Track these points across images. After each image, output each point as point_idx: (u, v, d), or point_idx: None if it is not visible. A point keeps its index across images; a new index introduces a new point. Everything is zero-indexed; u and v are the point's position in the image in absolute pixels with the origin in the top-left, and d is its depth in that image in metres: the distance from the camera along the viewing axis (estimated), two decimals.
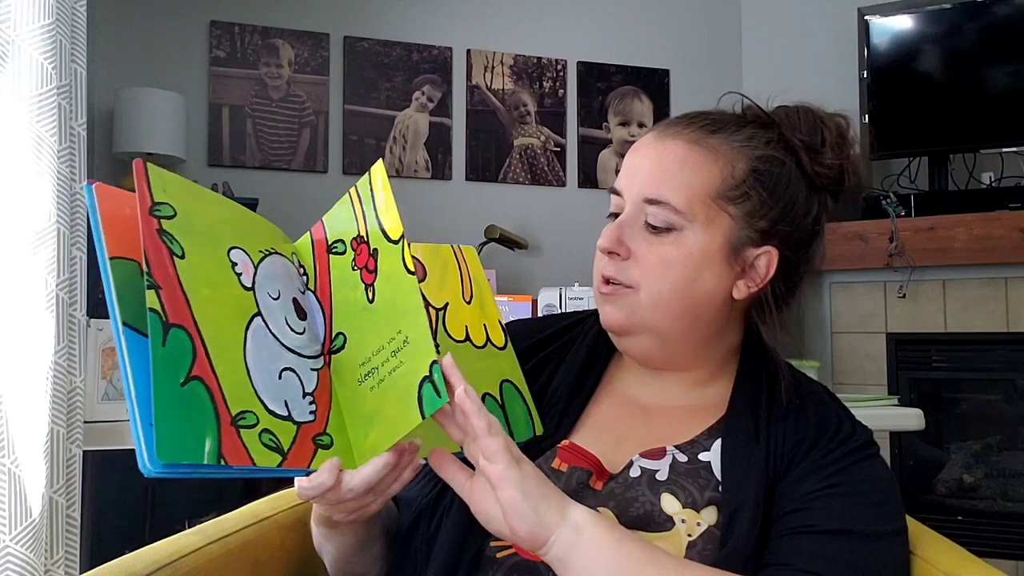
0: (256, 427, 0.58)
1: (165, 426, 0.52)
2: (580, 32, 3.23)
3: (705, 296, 0.75)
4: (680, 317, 0.75)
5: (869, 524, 0.67)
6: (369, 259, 0.66)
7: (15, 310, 1.17)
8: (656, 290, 0.74)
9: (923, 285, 2.62)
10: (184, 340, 0.56)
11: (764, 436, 0.73)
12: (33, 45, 1.17)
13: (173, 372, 0.54)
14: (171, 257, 0.58)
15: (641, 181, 0.76)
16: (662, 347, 0.77)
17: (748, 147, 0.76)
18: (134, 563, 0.73)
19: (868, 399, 1.86)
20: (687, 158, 0.74)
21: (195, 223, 0.62)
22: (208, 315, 0.58)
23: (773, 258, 0.75)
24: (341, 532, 0.73)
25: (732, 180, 0.74)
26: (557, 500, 0.61)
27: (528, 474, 0.60)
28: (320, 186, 2.89)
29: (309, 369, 0.64)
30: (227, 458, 0.55)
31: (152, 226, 0.58)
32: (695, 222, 0.73)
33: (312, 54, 2.91)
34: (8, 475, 1.15)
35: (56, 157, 1.20)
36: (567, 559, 0.60)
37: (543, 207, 3.14)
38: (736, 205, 0.74)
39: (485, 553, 0.71)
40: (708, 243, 0.74)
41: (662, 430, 0.77)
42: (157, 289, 0.55)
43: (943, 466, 2.70)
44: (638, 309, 0.75)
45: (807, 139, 0.77)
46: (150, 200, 0.59)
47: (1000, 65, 2.68)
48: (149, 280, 0.55)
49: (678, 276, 0.73)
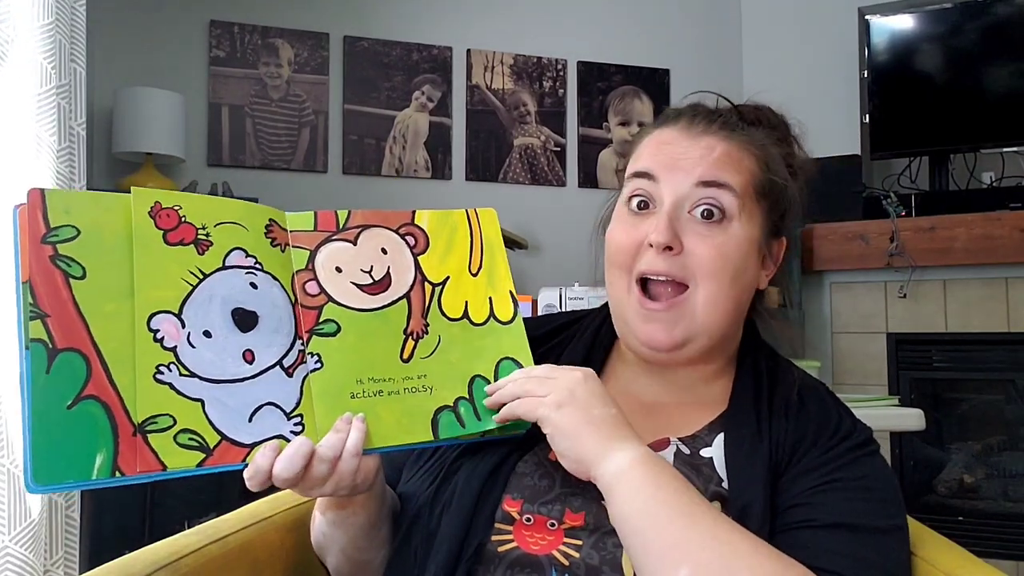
0: (171, 429, 0.59)
1: (42, 450, 0.56)
2: (580, 32, 3.23)
3: (748, 289, 0.77)
4: (731, 312, 0.75)
5: (870, 519, 0.67)
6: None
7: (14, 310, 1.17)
8: (715, 285, 0.73)
9: (923, 285, 2.62)
10: (75, 362, 0.59)
11: (766, 431, 0.73)
12: (33, 45, 1.17)
13: (59, 396, 0.57)
14: (66, 280, 0.60)
15: (693, 166, 0.74)
16: (708, 349, 0.77)
17: (765, 145, 0.79)
18: (134, 563, 0.73)
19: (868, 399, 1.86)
20: (730, 151, 0.76)
21: (104, 238, 0.63)
22: (111, 330, 0.60)
23: (783, 246, 0.80)
24: (353, 512, 0.72)
25: (763, 176, 0.77)
26: (600, 439, 0.64)
27: (567, 415, 0.64)
28: (320, 186, 2.89)
29: (282, 380, 0.65)
30: (123, 469, 0.57)
31: (45, 253, 0.60)
32: (743, 213, 0.74)
33: (312, 54, 2.91)
34: (7, 475, 1.15)
35: (55, 157, 1.20)
36: (609, 493, 0.63)
37: (543, 207, 3.14)
38: (766, 199, 0.77)
39: (487, 547, 0.71)
40: (751, 235, 0.75)
41: (663, 424, 0.77)
42: (44, 318, 0.58)
43: (943, 466, 2.70)
44: (696, 314, 0.73)
45: (782, 134, 0.82)
46: (44, 228, 0.61)
47: (1001, 65, 2.68)
48: (34, 310, 0.58)
49: (734, 268, 0.73)
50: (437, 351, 0.71)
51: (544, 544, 0.70)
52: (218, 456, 0.60)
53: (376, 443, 0.66)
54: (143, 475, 0.58)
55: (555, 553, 0.69)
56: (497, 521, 0.72)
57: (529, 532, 0.71)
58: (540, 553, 0.69)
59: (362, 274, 0.71)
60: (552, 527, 0.70)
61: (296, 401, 0.64)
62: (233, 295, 0.65)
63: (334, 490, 0.66)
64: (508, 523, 0.72)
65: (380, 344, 0.70)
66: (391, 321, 0.71)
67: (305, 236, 0.71)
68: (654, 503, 0.61)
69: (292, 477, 0.61)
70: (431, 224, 0.76)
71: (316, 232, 0.71)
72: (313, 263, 0.70)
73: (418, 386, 0.69)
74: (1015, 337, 2.52)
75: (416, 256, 0.74)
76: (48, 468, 0.55)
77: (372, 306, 0.71)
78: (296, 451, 0.62)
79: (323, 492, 0.66)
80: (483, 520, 0.71)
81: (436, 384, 0.70)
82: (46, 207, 0.62)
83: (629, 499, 0.62)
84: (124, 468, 0.57)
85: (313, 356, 0.67)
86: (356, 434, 0.64)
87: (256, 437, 0.62)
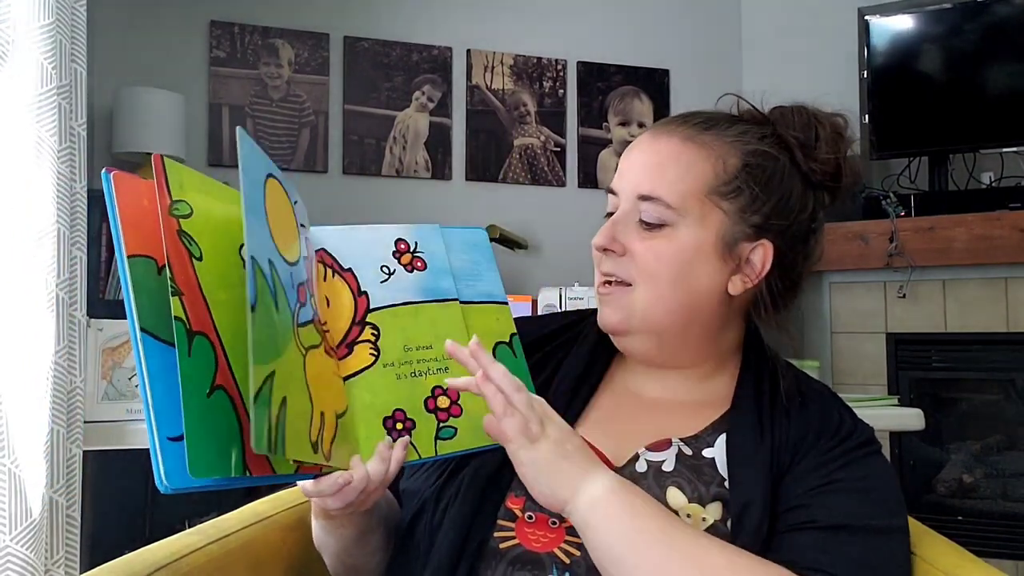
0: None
1: (196, 442, 0.50)
2: (580, 32, 3.23)
3: (700, 291, 0.76)
4: (675, 313, 0.75)
5: (870, 519, 0.67)
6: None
7: (15, 310, 1.17)
8: (652, 286, 0.75)
9: (923, 285, 2.62)
10: (207, 348, 0.54)
11: (768, 432, 0.73)
12: (33, 45, 1.17)
13: (200, 383, 0.53)
14: (191, 260, 0.56)
15: (634, 178, 0.77)
16: (660, 345, 0.78)
17: (740, 142, 0.76)
18: (134, 563, 0.73)
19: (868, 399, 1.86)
20: (680, 155, 0.75)
21: (209, 221, 0.59)
22: (226, 320, 0.56)
23: (768, 252, 0.76)
24: (342, 524, 0.73)
25: (724, 175, 0.75)
26: (573, 473, 0.63)
27: (542, 451, 0.63)
28: (320, 186, 2.88)
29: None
30: (251, 468, 0.54)
31: (172, 227, 0.56)
32: (688, 217, 0.74)
33: (312, 54, 2.91)
34: (8, 475, 1.15)
35: (56, 157, 1.20)
36: (583, 530, 0.64)
37: (543, 207, 3.13)
38: (729, 200, 0.75)
39: (488, 544, 0.71)
40: (701, 238, 0.74)
41: (666, 424, 0.78)
42: (180, 295, 0.53)
43: (943, 466, 2.70)
44: (635, 308, 0.76)
45: (800, 136, 0.78)
46: (169, 198, 0.57)
47: (1000, 65, 2.68)
48: (173, 286, 0.53)
49: (672, 271, 0.74)
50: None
51: (546, 542, 0.70)
52: (305, 465, 0.59)
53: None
54: (262, 477, 0.55)
55: (556, 551, 0.70)
56: (500, 518, 0.72)
57: (531, 529, 0.71)
58: (541, 551, 0.70)
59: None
60: (554, 525, 0.71)
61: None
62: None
63: (352, 511, 0.68)
64: (510, 520, 0.72)
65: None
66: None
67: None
68: (631, 532, 0.62)
69: (344, 506, 0.65)
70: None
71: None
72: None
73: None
74: (1015, 337, 2.52)
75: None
76: (203, 459, 0.50)
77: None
78: (363, 477, 0.64)
79: (343, 511, 0.67)
80: (486, 517, 0.72)
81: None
82: (167, 176, 0.57)
83: (605, 530, 0.62)
84: (252, 467, 0.54)
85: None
86: (395, 465, 0.66)
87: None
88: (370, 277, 0.72)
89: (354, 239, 0.74)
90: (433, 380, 0.70)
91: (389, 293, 0.72)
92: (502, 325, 0.78)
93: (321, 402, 0.62)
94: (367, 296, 0.71)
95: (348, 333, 0.69)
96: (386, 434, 0.67)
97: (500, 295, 0.79)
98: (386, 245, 0.75)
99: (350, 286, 0.71)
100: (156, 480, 0.50)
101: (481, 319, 0.77)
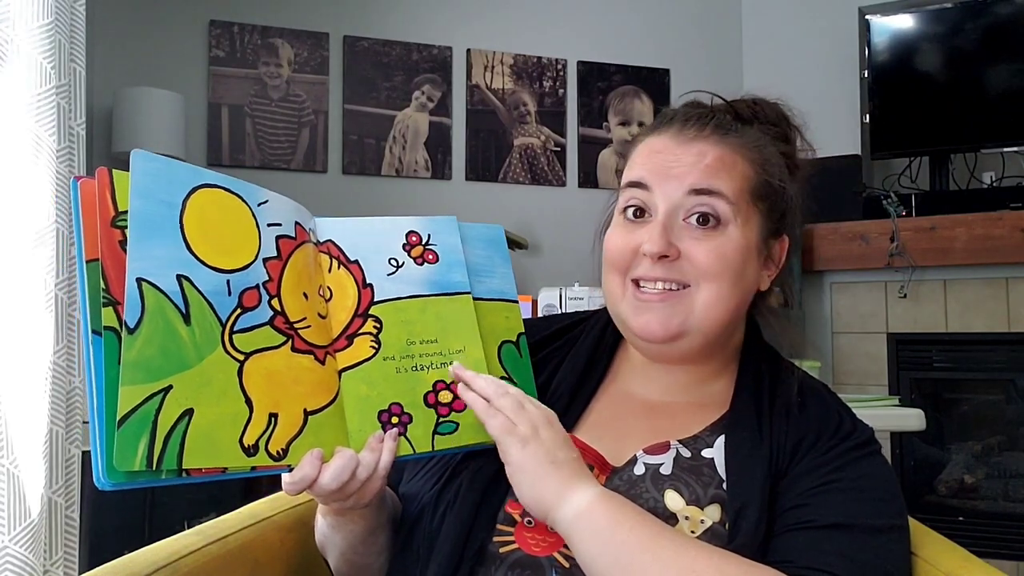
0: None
1: (112, 441, 0.53)
2: (580, 32, 3.23)
3: (749, 290, 0.77)
4: (732, 312, 0.76)
5: (869, 519, 0.67)
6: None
7: (14, 310, 1.17)
8: (715, 286, 0.73)
9: (924, 285, 2.62)
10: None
11: (767, 433, 0.73)
12: (32, 45, 1.17)
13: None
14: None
15: (684, 172, 0.74)
16: (704, 346, 0.77)
17: (761, 146, 0.78)
18: (134, 563, 0.73)
19: (869, 399, 1.86)
20: (723, 157, 0.75)
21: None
22: None
23: (785, 245, 0.80)
24: (351, 520, 0.73)
25: (758, 178, 0.76)
26: (561, 479, 0.64)
27: (531, 452, 0.64)
28: (320, 186, 2.88)
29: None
30: (190, 469, 0.56)
31: (115, 238, 0.58)
32: (738, 218, 0.74)
33: (312, 54, 2.91)
34: (7, 475, 1.15)
35: (55, 157, 1.20)
36: (568, 538, 0.64)
37: (543, 207, 3.13)
38: (763, 201, 0.76)
39: (488, 548, 0.71)
40: (749, 238, 0.75)
41: (665, 426, 0.78)
42: (115, 305, 0.56)
43: (944, 466, 2.70)
44: (694, 310, 0.74)
45: (782, 130, 0.81)
46: (113, 211, 0.58)
47: (1001, 64, 2.68)
48: (107, 296, 0.56)
49: (734, 271, 0.74)
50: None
51: (545, 546, 0.70)
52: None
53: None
54: (207, 476, 0.57)
55: (556, 555, 0.69)
56: (499, 522, 0.72)
57: (530, 534, 0.71)
58: (541, 554, 0.70)
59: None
60: (552, 529, 0.71)
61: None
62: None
63: (354, 504, 0.67)
64: (510, 524, 0.72)
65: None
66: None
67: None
68: (614, 544, 0.62)
69: (338, 489, 0.63)
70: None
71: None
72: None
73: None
74: (1015, 337, 2.52)
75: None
76: (126, 457, 0.53)
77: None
78: (346, 464, 0.63)
79: (344, 505, 0.67)
80: (485, 521, 0.71)
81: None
82: (114, 188, 0.59)
83: (590, 540, 0.62)
84: (191, 468, 0.56)
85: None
86: (388, 455, 0.66)
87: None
88: (378, 270, 0.72)
89: (366, 231, 0.74)
90: (436, 375, 0.70)
91: (396, 286, 0.72)
92: (511, 323, 0.78)
93: (274, 403, 0.62)
94: (372, 288, 0.71)
95: (349, 325, 0.69)
96: (379, 426, 0.67)
97: (512, 293, 0.80)
98: (397, 237, 0.75)
99: (355, 278, 0.71)
100: (94, 476, 0.53)
101: (490, 316, 0.77)
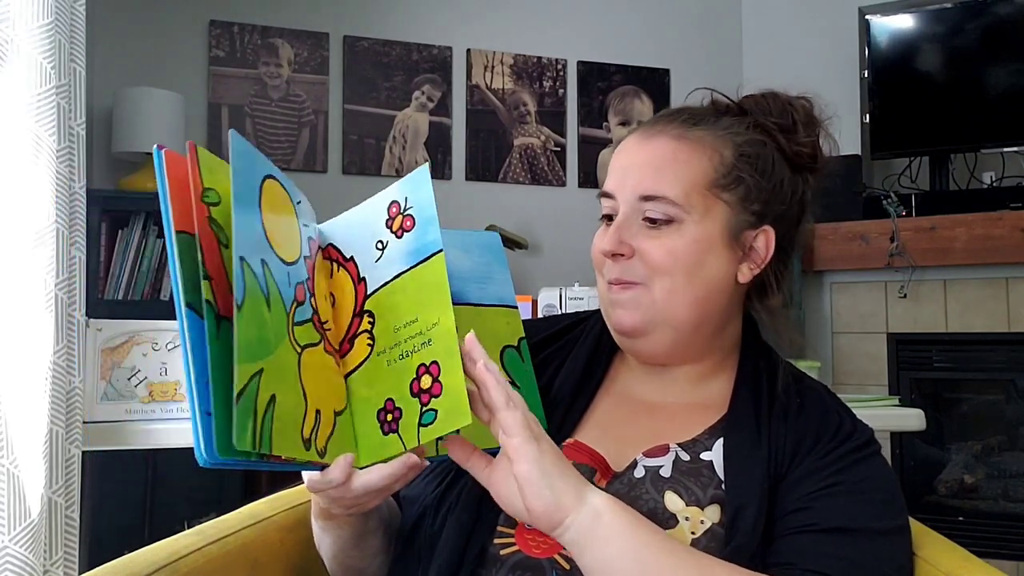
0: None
1: (221, 421, 0.52)
2: (580, 32, 3.23)
3: (713, 282, 0.76)
4: (693, 306, 0.76)
5: (870, 521, 0.67)
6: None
7: (14, 310, 1.17)
8: (668, 281, 0.75)
9: (924, 285, 2.62)
10: (231, 333, 0.55)
11: (766, 435, 0.73)
12: (32, 45, 1.17)
13: (226, 365, 0.54)
14: (219, 246, 0.58)
15: (634, 180, 0.76)
16: (675, 341, 0.78)
17: (731, 134, 0.78)
18: (134, 563, 0.73)
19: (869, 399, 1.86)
20: (676, 152, 0.76)
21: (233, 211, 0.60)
22: None
23: (771, 238, 0.78)
24: (338, 525, 0.73)
25: (722, 168, 0.76)
26: (575, 481, 0.61)
27: (546, 451, 0.60)
28: (320, 186, 2.88)
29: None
30: (269, 456, 0.55)
31: (203, 214, 0.57)
32: (693, 212, 0.75)
33: (312, 53, 2.91)
34: (7, 475, 1.15)
35: (55, 157, 1.19)
36: (584, 542, 0.60)
37: (543, 207, 3.13)
38: (730, 191, 0.76)
39: (489, 551, 0.71)
40: (709, 231, 0.75)
41: (664, 428, 0.78)
42: (209, 280, 0.55)
43: (944, 466, 2.70)
44: (653, 305, 0.75)
45: (780, 121, 0.80)
46: (201, 185, 0.58)
47: (1001, 64, 2.68)
48: (204, 270, 0.55)
49: (687, 265, 0.74)
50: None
51: (545, 548, 0.70)
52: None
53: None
54: (278, 464, 0.56)
55: (556, 557, 0.70)
56: (500, 524, 0.72)
57: (531, 536, 0.71)
58: (541, 556, 0.70)
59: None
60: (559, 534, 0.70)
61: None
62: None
63: (356, 511, 0.67)
64: (510, 527, 0.72)
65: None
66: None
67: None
68: (638, 544, 0.61)
69: (354, 497, 0.62)
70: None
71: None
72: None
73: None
74: (1015, 337, 2.52)
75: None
76: (224, 439, 0.52)
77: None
78: (377, 480, 0.61)
79: (342, 512, 0.67)
80: (486, 523, 0.71)
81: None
82: (199, 163, 0.58)
83: (611, 540, 0.60)
84: (272, 456, 0.55)
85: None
86: (412, 473, 0.64)
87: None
88: (367, 260, 0.70)
89: (356, 222, 0.73)
90: (417, 359, 0.65)
91: (381, 271, 0.69)
92: (512, 329, 0.78)
93: (318, 400, 0.61)
94: (365, 282, 0.70)
95: (349, 328, 0.69)
96: (379, 427, 0.65)
97: (511, 299, 0.80)
98: (381, 215, 0.72)
99: (351, 276, 0.71)
100: (196, 454, 0.52)
101: (491, 322, 0.77)
